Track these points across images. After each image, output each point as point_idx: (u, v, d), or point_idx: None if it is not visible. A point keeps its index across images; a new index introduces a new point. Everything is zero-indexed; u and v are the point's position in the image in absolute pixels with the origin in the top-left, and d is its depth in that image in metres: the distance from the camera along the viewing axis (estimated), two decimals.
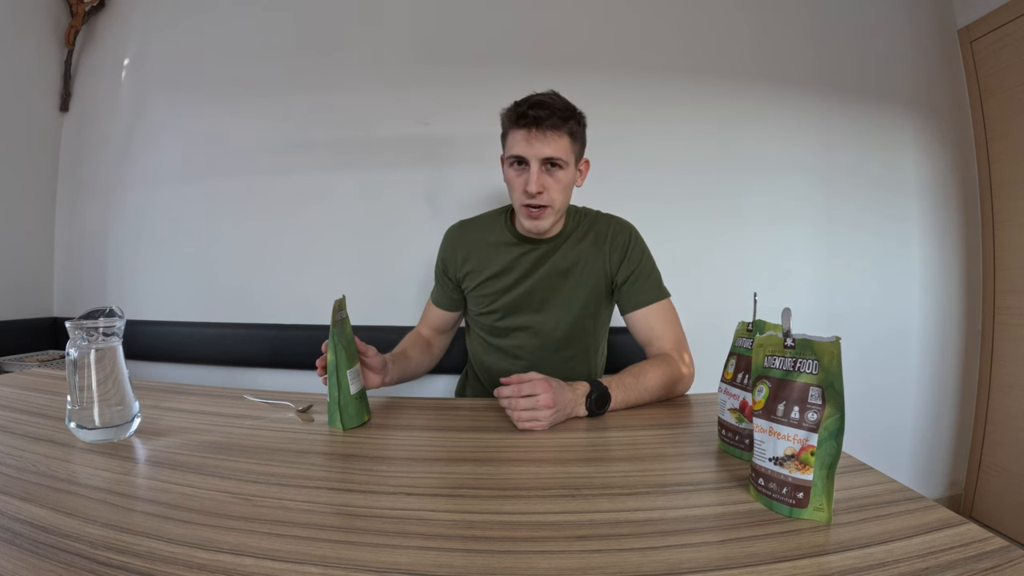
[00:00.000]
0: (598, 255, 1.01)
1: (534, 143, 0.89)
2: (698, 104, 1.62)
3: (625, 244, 1.01)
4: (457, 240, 1.08)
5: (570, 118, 0.90)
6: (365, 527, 0.45)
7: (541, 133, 0.88)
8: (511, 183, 0.95)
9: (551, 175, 0.91)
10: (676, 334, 0.97)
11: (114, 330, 0.65)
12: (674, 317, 0.99)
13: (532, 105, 0.88)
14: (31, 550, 0.39)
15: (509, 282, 1.02)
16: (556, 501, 0.51)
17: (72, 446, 0.63)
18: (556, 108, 0.88)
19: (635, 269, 1.00)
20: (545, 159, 0.89)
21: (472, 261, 1.05)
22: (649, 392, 0.86)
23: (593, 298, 1.02)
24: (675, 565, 0.40)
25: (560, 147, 0.90)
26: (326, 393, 0.75)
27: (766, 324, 0.61)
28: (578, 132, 0.93)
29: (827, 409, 0.47)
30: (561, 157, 0.90)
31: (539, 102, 0.89)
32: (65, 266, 1.86)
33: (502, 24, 1.62)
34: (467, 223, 1.11)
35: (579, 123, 0.93)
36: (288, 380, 1.64)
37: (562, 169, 0.91)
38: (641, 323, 0.98)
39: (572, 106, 0.92)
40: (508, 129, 0.93)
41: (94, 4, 1.78)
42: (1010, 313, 1.63)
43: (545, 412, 0.73)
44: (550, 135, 0.88)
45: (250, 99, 1.68)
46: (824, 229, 1.66)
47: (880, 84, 1.68)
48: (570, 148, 0.92)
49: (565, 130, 0.90)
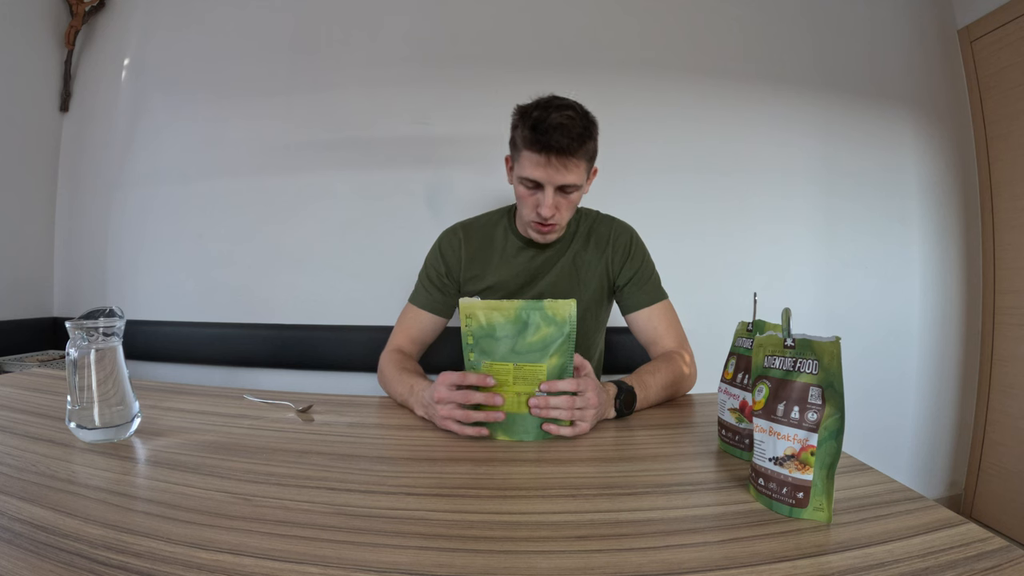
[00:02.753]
0: (600, 257, 1.02)
1: (551, 172, 0.84)
2: (698, 104, 1.62)
3: (627, 247, 1.02)
4: (460, 242, 1.04)
5: (588, 139, 0.85)
6: (365, 527, 0.45)
7: (562, 163, 0.84)
8: (522, 199, 0.92)
9: (565, 197, 0.89)
10: (678, 333, 0.98)
11: (114, 330, 0.65)
12: (675, 317, 1.00)
13: (551, 129, 0.81)
14: (31, 550, 0.39)
15: (516, 286, 1.02)
16: (556, 501, 0.51)
17: (72, 446, 0.63)
18: (575, 132, 0.82)
19: (637, 271, 1.00)
20: (562, 185, 0.87)
21: (477, 265, 1.03)
22: (664, 389, 0.86)
23: (595, 299, 1.03)
24: (675, 565, 0.40)
25: (578, 174, 0.86)
26: (326, 393, 0.75)
27: (766, 324, 0.61)
28: (593, 148, 0.89)
29: (827, 409, 0.47)
30: (578, 183, 0.87)
31: (559, 126, 0.81)
32: (65, 266, 1.86)
33: (502, 24, 1.62)
34: (468, 225, 1.08)
35: (594, 138, 0.88)
36: (288, 380, 1.64)
37: (577, 191, 0.89)
38: (645, 323, 0.99)
39: (589, 122, 0.87)
40: (522, 147, 0.86)
41: (94, 4, 1.78)
42: (1010, 313, 1.63)
43: (591, 412, 0.69)
44: (571, 164, 0.84)
45: (250, 99, 1.68)
46: (824, 229, 1.66)
47: (880, 84, 1.68)
48: (585, 169, 0.88)
49: (583, 155, 0.85)
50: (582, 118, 0.85)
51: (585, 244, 1.02)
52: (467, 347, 0.70)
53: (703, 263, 1.62)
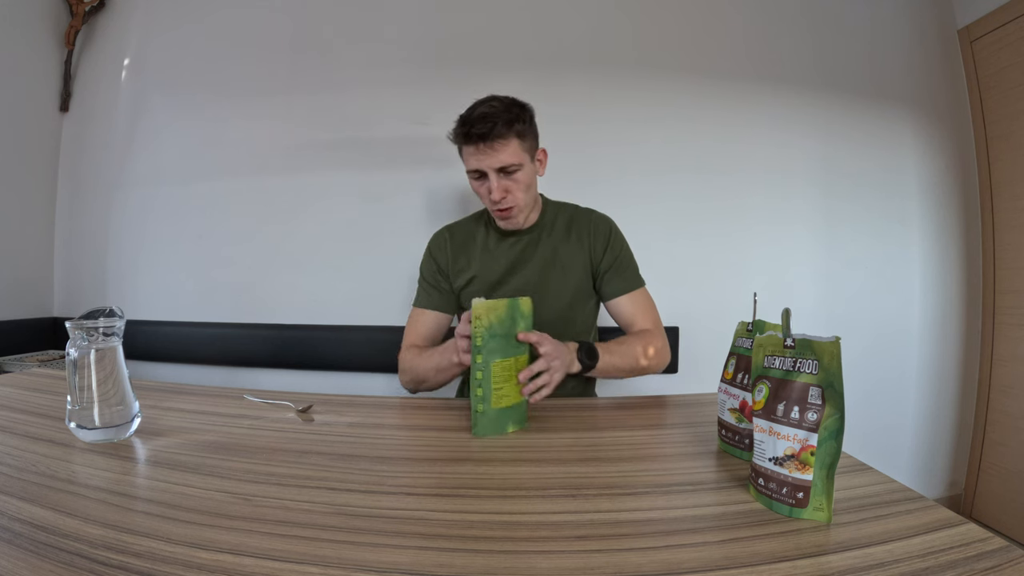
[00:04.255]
0: (581, 247, 1.06)
1: (485, 157, 0.92)
2: (697, 105, 1.62)
3: (607, 235, 1.07)
4: (446, 241, 1.11)
5: (515, 121, 0.92)
6: (365, 527, 0.45)
7: (489, 146, 0.91)
8: (477, 192, 0.99)
9: (510, 179, 0.95)
10: (654, 317, 1.05)
11: (114, 330, 0.65)
12: (651, 303, 1.06)
13: (475, 121, 0.90)
14: (31, 550, 0.39)
15: (496, 275, 1.06)
16: (556, 501, 0.51)
17: (72, 446, 0.63)
18: (498, 116, 0.90)
19: (617, 257, 1.06)
20: (500, 168, 0.93)
21: (462, 259, 1.09)
22: (633, 357, 0.95)
23: (581, 289, 1.07)
24: (675, 565, 0.40)
25: (511, 153, 0.92)
26: (326, 393, 0.75)
27: (766, 324, 0.61)
28: (526, 130, 0.95)
29: (827, 409, 0.47)
30: (514, 162, 0.93)
31: (481, 115, 0.90)
32: (65, 266, 1.86)
33: (502, 25, 1.62)
34: (453, 225, 1.15)
35: (525, 121, 0.94)
36: (288, 380, 1.64)
37: (519, 170, 0.95)
38: (624, 309, 1.05)
39: (514, 106, 0.94)
40: (460, 145, 0.96)
41: (94, 4, 1.78)
42: (1010, 313, 1.63)
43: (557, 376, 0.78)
44: (498, 145, 0.91)
45: (250, 99, 1.68)
46: (824, 229, 1.66)
47: (880, 84, 1.68)
48: (520, 149, 0.94)
49: (512, 135, 0.92)
50: (505, 105, 0.93)
51: (566, 236, 1.07)
52: (476, 349, 0.71)
53: (703, 263, 1.62)
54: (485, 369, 0.71)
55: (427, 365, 0.95)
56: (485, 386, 0.70)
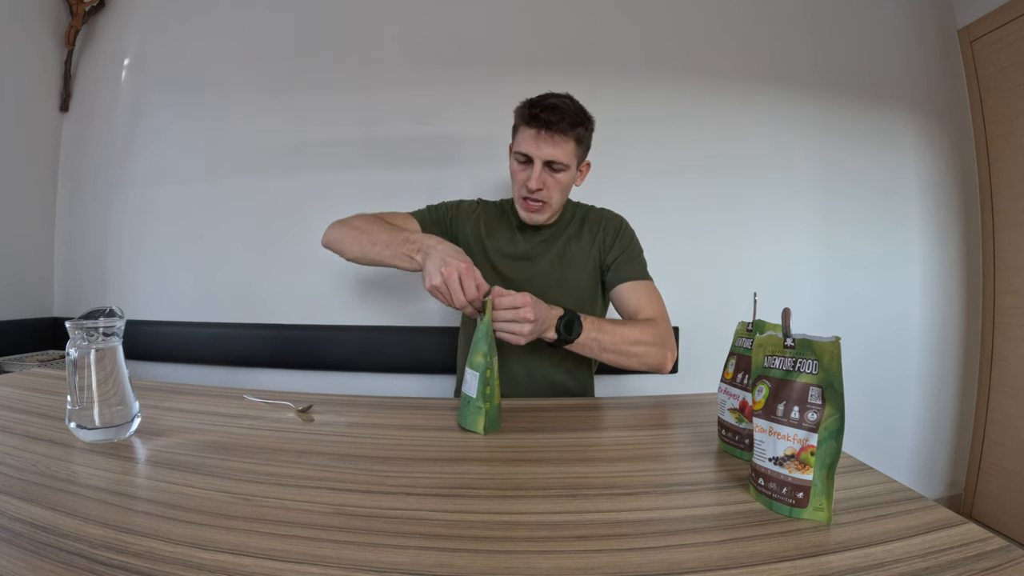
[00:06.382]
0: (592, 241, 1.07)
1: (541, 145, 0.92)
2: (697, 105, 1.62)
3: (617, 228, 1.08)
4: (475, 208, 1.13)
5: (579, 124, 0.93)
6: (365, 527, 0.45)
7: (549, 136, 0.91)
8: (514, 175, 0.99)
9: (552, 175, 0.95)
10: (660, 309, 0.98)
11: (114, 330, 0.65)
12: (658, 296, 1.01)
13: (545, 108, 0.91)
14: (31, 550, 0.39)
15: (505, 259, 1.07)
16: (556, 501, 0.51)
17: (72, 446, 0.63)
18: (567, 113, 0.91)
19: (625, 249, 1.05)
20: (549, 161, 0.93)
21: (483, 226, 1.10)
22: (626, 342, 0.88)
23: (590, 285, 1.07)
24: (675, 565, 0.40)
25: (565, 151, 0.93)
26: (326, 393, 0.75)
27: (766, 324, 0.61)
28: (585, 137, 0.96)
29: (827, 409, 0.47)
30: (564, 161, 0.94)
31: (552, 105, 0.91)
32: (65, 266, 1.86)
33: (503, 25, 1.62)
34: (485, 202, 1.17)
35: (587, 128, 0.96)
36: (288, 380, 1.64)
37: (564, 171, 0.95)
38: (627, 296, 1.00)
39: (583, 112, 0.95)
40: (519, 124, 0.97)
41: (94, 4, 1.78)
42: (1010, 313, 1.63)
43: (528, 327, 0.75)
44: (557, 139, 0.92)
45: (250, 99, 1.68)
46: (824, 229, 1.66)
47: (880, 84, 1.68)
48: (574, 152, 0.95)
49: (572, 135, 0.93)
50: (576, 106, 0.95)
51: (579, 232, 1.08)
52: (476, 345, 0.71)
53: (703, 263, 1.62)
54: (492, 367, 0.72)
55: (379, 237, 0.90)
56: (492, 383, 0.71)
